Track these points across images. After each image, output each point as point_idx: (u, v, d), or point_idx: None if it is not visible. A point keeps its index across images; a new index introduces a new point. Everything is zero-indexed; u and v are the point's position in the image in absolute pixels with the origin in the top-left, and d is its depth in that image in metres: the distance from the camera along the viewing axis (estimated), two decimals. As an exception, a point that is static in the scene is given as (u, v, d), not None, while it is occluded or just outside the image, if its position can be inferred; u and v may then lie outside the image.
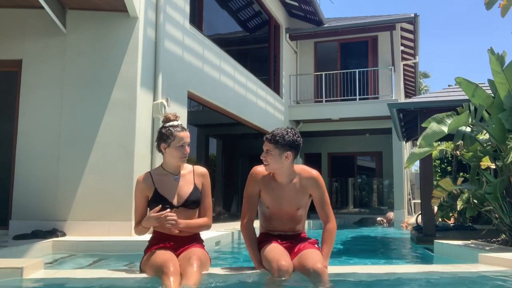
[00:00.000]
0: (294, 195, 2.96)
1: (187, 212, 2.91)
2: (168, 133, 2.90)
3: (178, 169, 2.99)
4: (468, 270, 3.25)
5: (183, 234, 2.88)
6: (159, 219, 2.73)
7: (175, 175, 2.96)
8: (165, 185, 2.91)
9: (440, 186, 5.42)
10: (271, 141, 2.87)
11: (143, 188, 2.93)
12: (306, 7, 13.30)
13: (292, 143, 2.89)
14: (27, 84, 6.34)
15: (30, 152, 6.21)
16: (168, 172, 2.97)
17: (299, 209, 3.01)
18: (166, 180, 2.94)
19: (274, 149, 2.86)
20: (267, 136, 2.92)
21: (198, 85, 7.96)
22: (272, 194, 2.97)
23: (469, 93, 4.90)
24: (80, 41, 6.31)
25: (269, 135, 2.91)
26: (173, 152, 2.90)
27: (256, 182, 2.99)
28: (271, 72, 12.90)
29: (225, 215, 10.12)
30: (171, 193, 2.90)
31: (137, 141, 6.07)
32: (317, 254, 2.84)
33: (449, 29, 70.18)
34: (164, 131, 2.92)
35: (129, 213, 5.84)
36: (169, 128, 2.91)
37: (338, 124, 13.71)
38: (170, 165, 2.97)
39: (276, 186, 2.97)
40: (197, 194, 2.96)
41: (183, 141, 2.89)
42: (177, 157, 2.91)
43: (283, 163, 2.89)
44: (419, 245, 6.74)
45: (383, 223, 13.01)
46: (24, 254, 4.65)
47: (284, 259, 2.72)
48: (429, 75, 31.77)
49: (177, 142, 2.88)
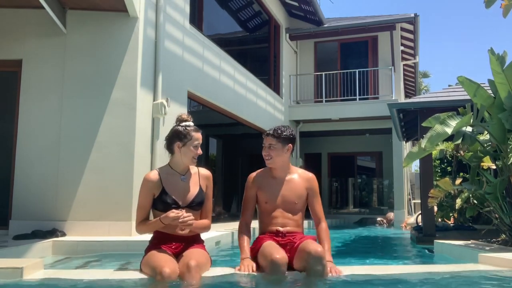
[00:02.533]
0: (292, 186, 3.15)
1: (191, 213, 2.90)
2: (185, 132, 2.92)
3: (186, 169, 3.00)
4: (468, 270, 3.25)
5: (184, 234, 2.88)
6: (175, 220, 2.74)
7: (182, 175, 2.97)
8: (172, 185, 2.92)
9: (439, 186, 5.42)
10: (274, 135, 3.10)
11: (151, 186, 2.91)
12: (306, 7, 13.29)
13: (291, 136, 3.16)
14: (27, 84, 6.34)
15: (30, 152, 6.21)
16: (175, 171, 2.97)
17: (298, 202, 3.12)
18: (174, 179, 2.94)
19: (277, 142, 3.10)
20: (268, 132, 3.15)
21: (198, 85, 7.96)
22: (270, 189, 3.13)
23: (471, 92, 4.90)
24: (80, 41, 6.31)
25: (270, 130, 3.15)
26: (187, 152, 2.93)
27: (252, 186, 3.17)
28: (271, 72, 12.90)
29: (225, 215, 10.12)
30: (178, 193, 2.91)
31: (137, 141, 6.07)
32: (317, 244, 2.92)
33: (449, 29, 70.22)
34: (181, 129, 2.94)
35: (129, 213, 5.84)
36: (185, 128, 2.94)
37: (338, 124, 13.71)
38: (179, 165, 2.97)
39: (274, 181, 3.15)
40: (202, 195, 2.98)
41: (198, 141, 2.94)
42: (190, 157, 2.94)
43: (285, 156, 3.13)
44: (419, 245, 6.74)
45: (383, 223, 13.01)
46: (24, 254, 4.64)
47: (278, 252, 2.78)
48: (429, 75, 31.76)
49: (193, 142, 2.92)
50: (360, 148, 15.92)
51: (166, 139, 3.00)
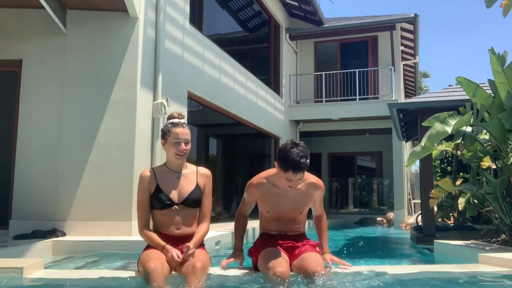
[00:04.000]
0: (299, 199, 3.00)
1: (188, 211, 2.91)
2: (166, 129, 2.92)
3: (180, 167, 2.98)
4: (468, 270, 3.25)
5: (182, 232, 2.88)
6: (171, 260, 2.71)
7: (177, 172, 2.96)
8: (166, 182, 2.91)
9: (440, 186, 5.42)
10: (303, 170, 2.75)
11: (146, 182, 2.90)
12: (306, 7, 13.29)
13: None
14: (27, 84, 6.34)
15: (30, 152, 6.21)
16: (170, 169, 2.96)
17: (302, 213, 3.06)
18: (168, 177, 2.93)
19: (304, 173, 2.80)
20: (295, 168, 2.71)
21: (198, 85, 7.96)
22: (273, 200, 2.99)
23: (470, 92, 4.90)
24: (80, 41, 6.31)
25: (296, 166, 2.71)
26: (169, 149, 2.91)
27: (253, 194, 3.04)
28: (271, 72, 12.90)
29: (225, 215, 10.12)
30: (172, 190, 2.90)
31: (137, 141, 6.07)
32: (318, 257, 2.87)
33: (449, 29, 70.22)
34: (164, 127, 2.94)
35: (129, 213, 5.84)
36: (167, 125, 2.93)
37: (338, 124, 13.71)
38: (171, 163, 2.96)
39: (278, 192, 2.97)
40: (198, 193, 2.94)
41: (177, 138, 2.87)
42: (173, 154, 2.89)
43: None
44: (419, 245, 6.74)
45: (383, 223, 13.01)
46: (24, 254, 4.64)
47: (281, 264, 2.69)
48: (429, 75, 31.78)
49: (172, 138, 2.88)
50: (360, 148, 15.92)
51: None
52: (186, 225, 2.91)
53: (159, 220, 2.92)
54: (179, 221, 2.88)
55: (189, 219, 2.92)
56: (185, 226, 2.90)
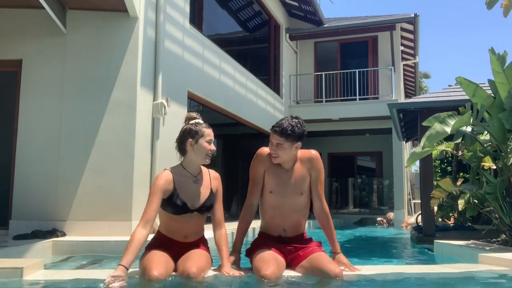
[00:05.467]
0: (297, 179, 2.96)
1: (199, 217, 2.87)
2: (197, 129, 2.86)
3: (199, 169, 2.92)
4: (468, 270, 3.25)
5: (188, 240, 2.86)
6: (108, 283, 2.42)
7: (194, 176, 2.90)
8: (184, 187, 2.82)
9: (440, 187, 5.42)
10: (282, 135, 2.84)
11: (164, 186, 2.77)
12: (306, 7, 13.30)
13: (301, 134, 2.90)
14: (27, 84, 6.34)
15: (30, 152, 6.21)
16: (188, 172, 2.88)
17: (302, 195, 2.98)
18: (186, 181, 2.85)
19: (285, 142, 2.85)
20: (276, 129, 2.86)
21: (198, 85, 7.96)
22: (276, 179, 2.96)
23: (470, 93, 4.90)
24: (80, 41, 6.31)
25: (278, 127, 2.85)
26: (200, 148, 2.84)
27: (262, 163, 2.97)
28: (271, 72, 12.90)
29: (225, 215, 10.07)
30: (190, 196, 2.82)
31: (137, 141, 6.07)
32: (329, 258, 2.84)
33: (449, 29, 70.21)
34: (192, 127, 2.87)
35: (129, 213, 5.84)
36: (196, 125, 2.88)
37: (338, 124, 13.70)
38: (192, 164, 2.89)
39: (281, 171, 2.97)
40: (212, 199, 2.90)
41: (210, 137, 2.88)
42: (204, 154, 2.84)
43: (293, 153, 2.93)
44: (419, 245, 6.74)
45: (383, 223, 13.01)
46: (24, 254, 4.64)
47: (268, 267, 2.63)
48: (429, 75, 31.78)
49: (206, 137, 2.85)
50: (360, 148, 15.92)
51: (177, 140, 2.91)
52: (193, 231, 2.88)
53: (166, 223, 2.88)
54: (187, 227, 2.84)
55: (198, 225, 2.90)
56: (192, 232, 2.87)
